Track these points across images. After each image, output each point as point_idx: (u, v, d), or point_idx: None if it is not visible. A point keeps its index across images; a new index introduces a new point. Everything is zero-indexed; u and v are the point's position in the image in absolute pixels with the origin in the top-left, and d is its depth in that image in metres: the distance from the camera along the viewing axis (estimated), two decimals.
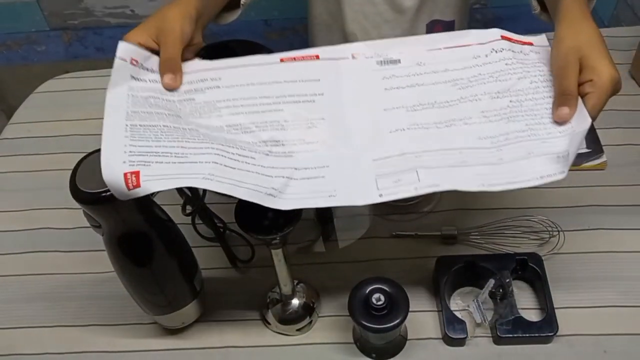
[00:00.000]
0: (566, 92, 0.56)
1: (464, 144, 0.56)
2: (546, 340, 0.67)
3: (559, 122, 0.56)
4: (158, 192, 0.85)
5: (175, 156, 0.53)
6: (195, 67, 0.61)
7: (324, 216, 0.78)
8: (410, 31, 1.02)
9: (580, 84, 0.56)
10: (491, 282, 0.69)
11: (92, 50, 1.56)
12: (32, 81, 1.04)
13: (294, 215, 0.57)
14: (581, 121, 0.55)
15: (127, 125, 0.54)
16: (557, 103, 0.56)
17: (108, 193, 0.51)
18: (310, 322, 0.70)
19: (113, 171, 0.50)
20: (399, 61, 0.61)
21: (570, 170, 0.82)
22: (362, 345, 0.68)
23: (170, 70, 0.58)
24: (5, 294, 0.76)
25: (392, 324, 0.61)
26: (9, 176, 0.89)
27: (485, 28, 0.89)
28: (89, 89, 1.01)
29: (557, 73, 0.58)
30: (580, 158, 0.84)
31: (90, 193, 0.51)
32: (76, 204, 0.54)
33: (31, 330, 0.72)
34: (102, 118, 0.93)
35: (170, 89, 0.59)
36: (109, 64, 1.05)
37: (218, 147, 0.54)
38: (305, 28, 1.57)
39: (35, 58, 1.59)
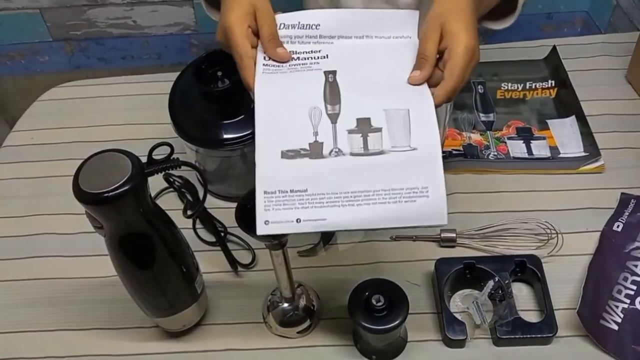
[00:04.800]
0: (422, 56, 0.57)
1: None
2: (546, 341, 0.67)
3: (412, 83, 0.58)
4: (160, 193, 0.85)
5: None
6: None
7: None
8: None
9: (442, 51, 0.57)
10: (490, 284, 0.69)
11: (95, 60, 1.57)
12: (35, 91, 1.05)
13: None
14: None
15: None
16: (414, 66, 0.58)
17: (110, 193, 0.51)
18: (311, 324, 0.71)
19: None
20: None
21: (568, 173, 0.84)
22: (362, 347, 0.68)
23: (280, 44, 0.60)
24: (8, 299, 0.76)
25: (391, 324, 0.61)
26: (11, 183, 0.90)
27: (483, 38, 0.90)
28: (91, 97, 1.02)
29: (420, 38, 0.59)
30: (578, 162, 0.84)
31: (93, 193, 0.52)
32: (78, 210, 0.54)
33: (33, 335, 0.73)
34: (104, 125, 0.95)
35: (286, 60, 0.60)
36: (111, 74, 1.07)
37: None
38: None
39: (38, 69, 1.60)
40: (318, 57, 0.61)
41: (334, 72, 0.59)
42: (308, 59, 0.61)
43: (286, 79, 0.59)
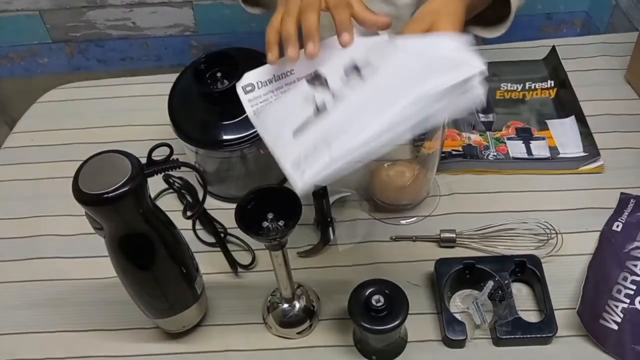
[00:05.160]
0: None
1: None
2: (545, 341, 0.67)
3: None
4: (160, 194, 0.86)
5: None
6: None
7: (324, 220, 0.78)
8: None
9: None
10: (490, 284, 0.69)
11: (94, 62, 1.58)
12: (35, 93, 1.05)
13: (293, 216, 0.58)
14: None
15: None
16: None
17: (110, 194, 0.52)
18: (311, 325, 0.71)
19: None
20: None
21: (568, 173, 0.84)
22: (362, 348, 0.68)
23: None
24: (8, 300, 0.76)
25: (391, 325, 0.61)
26: (11, 184, 0.90)
27: (482, 39, 0.90)
28: (91, 98, 1.02)
29: (406, 24, 0.60)
30: (577, 162, 0.85)
31: (93, 194, 0.52)
32: (77, 211, 0.54)
33: (33, 336, 0.73)
34: (103, 127, 0.96)
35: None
36: (111, 75, 1.07)
37: None
38: None
39: (37, 70, 1.61)
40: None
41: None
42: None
43: (276, 104, 0.60)
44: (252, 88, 0.61)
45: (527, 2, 0.83)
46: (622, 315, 0.66)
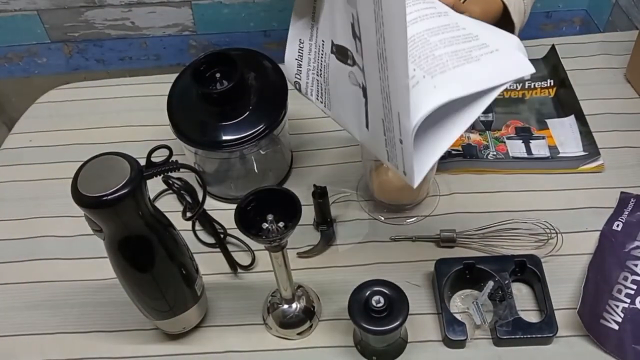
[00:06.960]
0: None
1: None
2: (546, 341, 0.67)
3: None
4: (159, 195, 0.85)
5: None
6: None
7: (324, 221, 0.78)
8: None
9: None
10: (490, 284, 0.69)
11: (93, 62, 1.57)
12: (33, 93, 1.05)
13: (293, 217, 0.58)
14: None
15: None
16: None
17: (109, 197, 0.51)
18: (311, 326, 0.71)
19: None
20: None
21: (568, 172, 0.84)
22: (362, 349, 0.68)
23: None
24: (7, 302, 0.76)
25: (392, 325, 0.61)
26: (10, 185, 0.90)
27: None
28: (89, 99, 1.02)
29: None
30: (577, 161, 0.84)
31: (92, 197, 0.51)
32: (77, 212, 0.54)
33: (32, 338, 0.73)
34: (102, 127, 0.95)
35: None
36: (109, 75, 1.07)
37: None
38: None
39: (36, 70, 1.60)
40: None
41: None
42: None
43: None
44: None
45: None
46: (622, 315, 0.66)
